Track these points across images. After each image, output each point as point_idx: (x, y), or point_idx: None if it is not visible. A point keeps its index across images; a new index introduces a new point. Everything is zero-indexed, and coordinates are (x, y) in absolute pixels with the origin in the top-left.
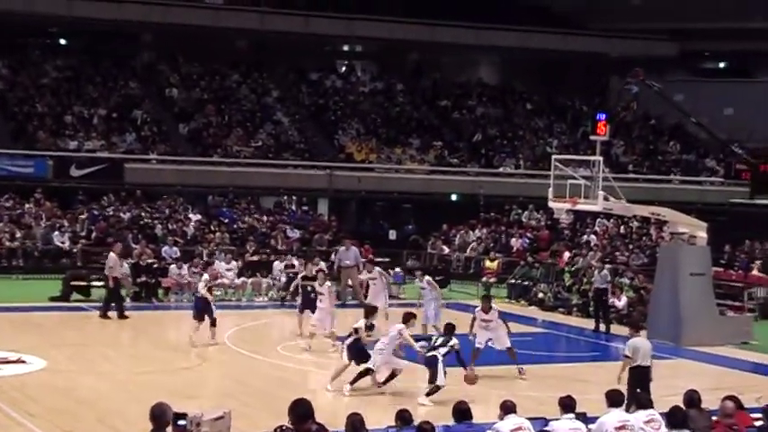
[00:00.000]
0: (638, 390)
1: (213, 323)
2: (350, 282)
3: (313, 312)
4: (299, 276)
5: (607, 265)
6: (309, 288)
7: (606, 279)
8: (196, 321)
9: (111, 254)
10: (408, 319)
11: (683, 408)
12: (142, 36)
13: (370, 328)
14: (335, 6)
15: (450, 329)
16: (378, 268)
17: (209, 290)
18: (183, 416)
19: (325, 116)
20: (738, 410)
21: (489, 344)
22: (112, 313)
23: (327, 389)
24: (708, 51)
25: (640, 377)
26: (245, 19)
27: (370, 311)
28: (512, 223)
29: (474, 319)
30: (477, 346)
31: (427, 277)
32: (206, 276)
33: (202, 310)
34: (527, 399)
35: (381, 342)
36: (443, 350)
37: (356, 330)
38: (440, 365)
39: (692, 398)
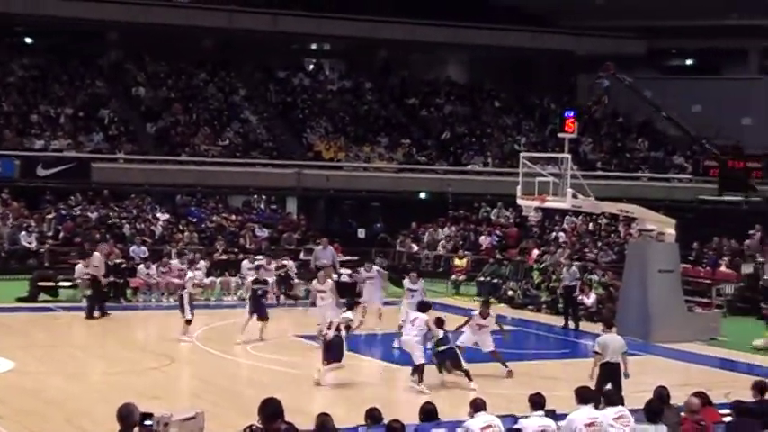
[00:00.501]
0: (608, 386)
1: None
2: None
3: (261, 316)
4: (250, 280)
5: (576, 263)
6: (260, 292)
7: (575, 276)
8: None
9: (96, 253)
10: (427, 309)
11: (660, 402)
12: (109, 35)
13: (348, 328)
14: (304, 4)
15: (440, 323)
16: (376, 267)
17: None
18: (150, 416)
19: (293, 114)
20: (705, 406)
21: (475, 346)
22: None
23: (320, 383)
24: (675, 49)
25: (610, 373)
26: (214, 17)
27: (352, 305)
28: (480, 221)
29: (468, 319)
30: (458, 344)
31: (422, 281)
32: (190, 274)
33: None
34: (497, 396)
35: (409, 331)
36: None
37: (338, 327)
38: (459, 354)
39: (662, 394)
